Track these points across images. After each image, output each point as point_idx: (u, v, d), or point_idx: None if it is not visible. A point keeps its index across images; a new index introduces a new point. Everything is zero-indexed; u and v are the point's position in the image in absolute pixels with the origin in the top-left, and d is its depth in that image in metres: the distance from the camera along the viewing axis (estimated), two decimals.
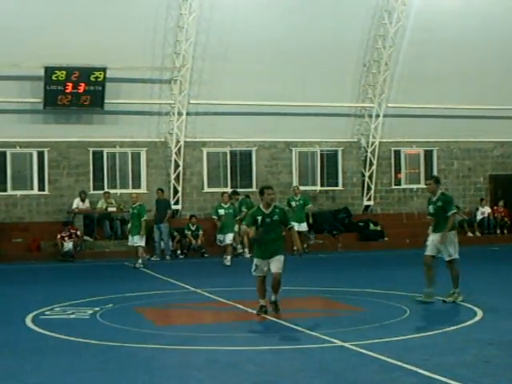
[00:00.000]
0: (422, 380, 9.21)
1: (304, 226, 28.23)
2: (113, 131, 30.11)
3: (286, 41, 30.28)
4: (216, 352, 11.28)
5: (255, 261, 14.23)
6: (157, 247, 27.85)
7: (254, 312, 14.17)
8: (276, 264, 13.97)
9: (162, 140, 30.84)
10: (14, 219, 29.25)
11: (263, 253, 14.12)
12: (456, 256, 15.62)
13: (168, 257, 27.79)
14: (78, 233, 27.83)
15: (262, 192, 14.49)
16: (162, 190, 28.78)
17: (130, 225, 25.69)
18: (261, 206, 14.42)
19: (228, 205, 26.64)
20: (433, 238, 15.76)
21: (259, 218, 14.17)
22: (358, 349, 11.03)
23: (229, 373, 9.99)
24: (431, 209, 15.99)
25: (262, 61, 30.13)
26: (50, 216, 29.55)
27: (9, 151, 29.51)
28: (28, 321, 14.02)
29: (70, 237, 27.53)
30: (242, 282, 18.55)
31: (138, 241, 24.87)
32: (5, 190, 29.43)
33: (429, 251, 15.78)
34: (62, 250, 27.45)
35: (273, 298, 14.18)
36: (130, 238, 25.29)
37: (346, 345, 11.34)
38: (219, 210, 26.53)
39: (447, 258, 15.61)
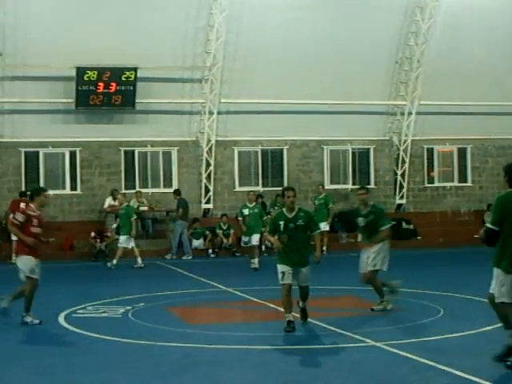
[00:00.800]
0: (455, 381, 9.13)
1: (324, 226, 27.94)
2: (144, 131, 30.14)
3: (317, 39, 30.14)
4: (247, 351, 11.25)
5: (280, 267, 12.74)
6: (186, 246, 27.94)
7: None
8: (303, 277, 12.81)
9: (194, 139, 30.85)
10: (47, 218, 29.22)
11: (289, 260, 12.66)
12: (379, 268, 14.56)
13: (168, 255, 27.85)
14: (109, 234, 27.89)
15: (282, 194, 13.42)
16: (179, 191, 28.77)
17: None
18: (284, 210, 13.06)
19: (253, 204, 24.79)
20: (367, 255, 14.57)
21: (281, 223, 12.73)
22: (390, 349, 10.96)
23: (260, 372, 9.95)
24: (362, 222, 14.66)
25: (292, 59, 30.02)
26: (82, 215, 29.67)
27: (41, 151, 29.67)
28: (61, 319, 14.10)
29: (101, 239, 27.62)
30: (273, 281, 18.48)
31: (123, 242, 24.67)
32: None
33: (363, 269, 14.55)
34: (94, 249, 27.55)
35: (300, 304, 13.17)
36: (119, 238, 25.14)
37: (379, 344, 11.26)
38: (243, 210, 24.53)
39: (370, 268, 14.44)
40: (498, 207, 9.70)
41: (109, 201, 28.94)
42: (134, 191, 29.78)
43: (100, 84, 28.82)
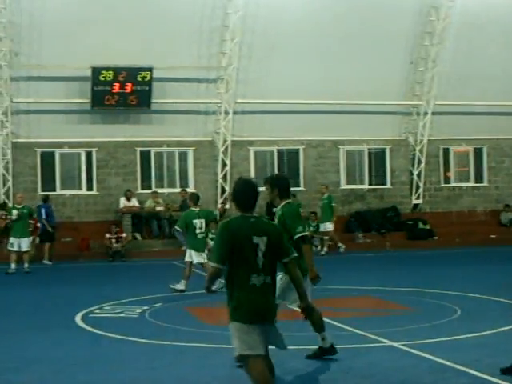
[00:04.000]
0: (473, 381, 9.09)
1: (328, 226, 27.90)
2: (160, 131, 30.20)
3: (332, 39, 30.08)
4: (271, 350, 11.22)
5: None
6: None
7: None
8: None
9: (209, 139, 30.87)
10: (64, 219, 29.48)
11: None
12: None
13: None
14: (124, 234, 27.93)
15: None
16: (185, 191, 28.91)
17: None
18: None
19: None
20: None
21: None
22: (407, 349, 10.92)
23: (278, 371, 9.92)
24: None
25: (307, 59, 30.00)
26: (98, 215, 29.74)
27: (57, 151, 29.79)
28: (78, 319, 14.10)
29: (116, 239, 27.68)
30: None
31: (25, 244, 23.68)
32: (54, 190, 29.68)
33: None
34: (110, 250, 27.62)
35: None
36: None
37: (396, 345, 11.23)
38: None
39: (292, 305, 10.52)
40: None
41: (123, 201, 29.00)
42: (150, 191, 29.87)
43: (116, 84, 28.91)
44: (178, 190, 30.10)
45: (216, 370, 10.07)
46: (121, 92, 29.02)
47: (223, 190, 30.72)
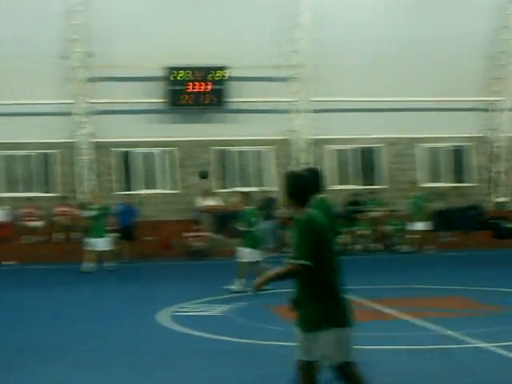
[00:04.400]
0: None
1: (418, 225, 27.25)
2: (235, 130, 30.18)
3: (407, 35, 29.75)
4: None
5: None
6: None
7: None
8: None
9: (285, 138, 30.73)
10: (145, 218, 29.67)
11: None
12: None
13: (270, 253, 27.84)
14: (204, 233, 27.95)
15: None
16: (264, 190, 29.02)
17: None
18: None
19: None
20: None
21: None
22: (498, 350, 10.62)
23: (364, 372, 9.75)
24: None
25: (381, 56, 29.76)
26: (179, 214, 29.76)
27: (135, 151, 29.98)
28: (161, 318, 14.09)
29: (197, 238, 27.73)
30: (379, 280, 18.35)
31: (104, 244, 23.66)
32: (133, 190, 29.93)
33: None
34: (190, 248, 27.70)
35: None
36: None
37: (486, 346, 10.94)
38: None
39: None
40: None
41: (202, 200, 29.04)
42: (226, 190, 29.80)
43: (191, 84, 28.99)
44: (253, 189, 29.99)
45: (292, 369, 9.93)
46: (196, 91, 29.09)
47: None
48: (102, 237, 23.42)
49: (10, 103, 28.23)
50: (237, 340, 11.86)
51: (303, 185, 6.96)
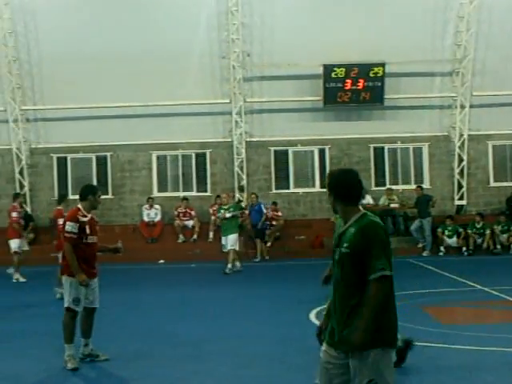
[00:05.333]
0: None
1: None
2: (393, 127, 29.62)
3: None
4: (506, 354, 10.54)
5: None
6: (421, 242, 27.71)
7: None
8: None
9: (445, 134, 29.94)
10: (297, 216, 29.64)
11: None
12: None
13: (425, 252, 27.28)
14: None
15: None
16: (420, 187, 28.32)
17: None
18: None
19: None
20: None
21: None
22: None
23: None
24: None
25: None
26: (331, 212, 29.48)
27: (290, 150, 29.97)
28: (312, 316, 13.91)
29: None
30: None
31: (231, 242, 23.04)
32: (287, 188, 29.92)
33: None
34: None
35: None
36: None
37: None
38: None
39: None
40: None
41: None
42: (384, 188, 29.39)
43: (348, 81, 28.76)
44: (412, 186, 29.37)
45: (453, 371, 9.53)
46: (353, 88, 28.83)
47: (460, 186, 29.66)
48: (229, 235, 23.02)
49: (165, 104, 28.77)
50: None
51: (355, 182, 6.16)
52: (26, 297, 17.99)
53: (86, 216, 10.75)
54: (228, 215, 22.95)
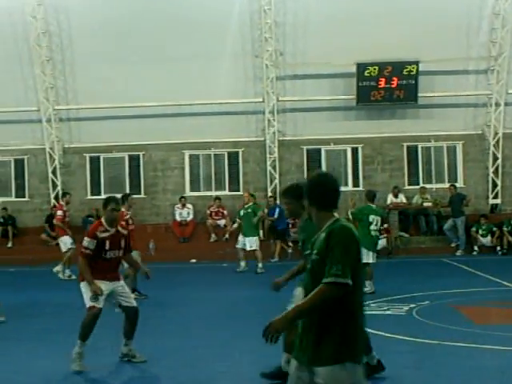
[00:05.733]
0: None
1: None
2: (427, 125, 29.39)
3: None
4: None
5: None
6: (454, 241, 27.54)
7: None
8: None
9: (479, 132, 29.64)
10: None
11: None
12: None
13: (459, 252, 27.02)
14: (390, 230, 27.39)
15: None
16: (454, 186, 28.10)
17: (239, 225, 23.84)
18: None
19: None
20: None
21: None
22: None
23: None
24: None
25: None
26: None
27: (323, 148, 29.84)
28: None
29: (381, 235, 27.23)
30: None
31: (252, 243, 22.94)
32: None
33: None
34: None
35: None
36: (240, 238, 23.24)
37: None
38: None
39: None
40: None
41: (390, 197, 28.53)
42: (417, 187, 29.19)
43: (381, 79, 28.60)
44: (446, 185, 29.13)
45: (485, 372, 9.40)
46: (386, 87, 28.66)
47: (494, 185, 29.36)
48: (248, 236, 23.01)
49: (198, 103, 28.80)
50: (420, 340, 11.47)
51: (331, 186, 5.81)
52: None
53: (107, 230, 10.36)
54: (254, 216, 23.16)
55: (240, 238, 23.16)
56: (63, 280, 21.21)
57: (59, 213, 22.01)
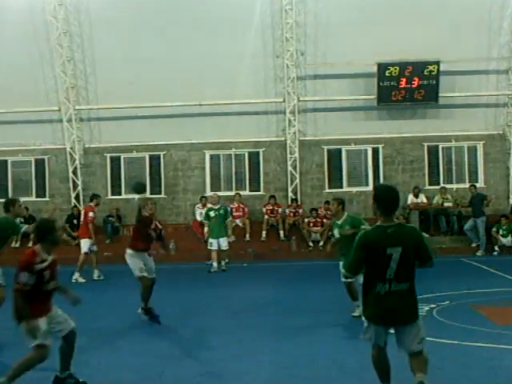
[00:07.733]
0: None
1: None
2: (448, 125, 29.34)
3: None
4: None
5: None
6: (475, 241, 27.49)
7: None
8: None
9: (500, 133, 29.57)
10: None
11: None
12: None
13: (479, 252, 26.96)
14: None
15: None
16: (474, 186, 28.02)
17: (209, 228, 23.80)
18: None
19: None
20: None
21: None
22: None
23: None
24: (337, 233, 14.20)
25: None
26: None
27: (344, 148, 29.83)
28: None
29: None
30: None
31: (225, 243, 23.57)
32: (340, 187, 29.75)
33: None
34: None
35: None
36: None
37: None
38: None
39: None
40: None
41: (411, 197, 28.46)
42: (438, 187, 29.13)
43: (402, 79, 28.55)
44: (466, 185, 29.02)
45: (506, 372, 9.40)
46: (407, 87, 28.60)
47: None
48: (220, 237, 23.34)
49: (218, 103, 28.84)
50: (441, 340, 11.40)
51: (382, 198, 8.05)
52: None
53: (44, 260, 8.99)
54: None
55: (211, 240, 23.35)
56: (96, 280, 21.45)
57: (91, 214, 22.13)
